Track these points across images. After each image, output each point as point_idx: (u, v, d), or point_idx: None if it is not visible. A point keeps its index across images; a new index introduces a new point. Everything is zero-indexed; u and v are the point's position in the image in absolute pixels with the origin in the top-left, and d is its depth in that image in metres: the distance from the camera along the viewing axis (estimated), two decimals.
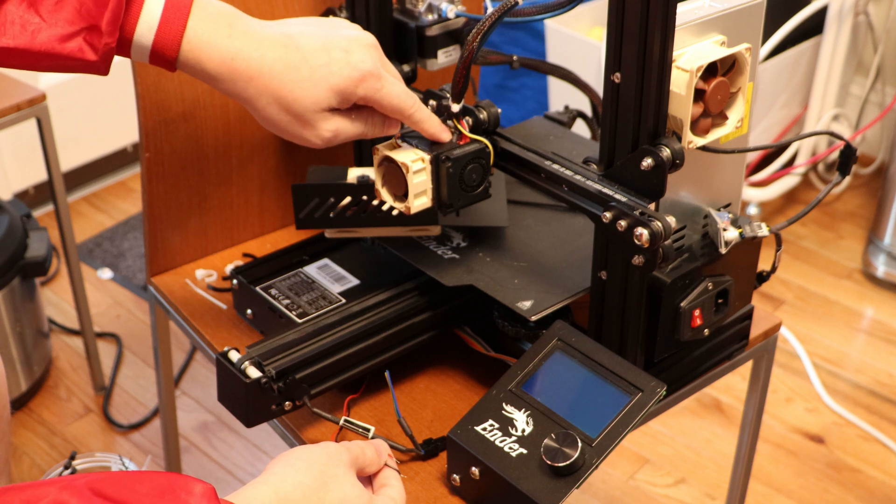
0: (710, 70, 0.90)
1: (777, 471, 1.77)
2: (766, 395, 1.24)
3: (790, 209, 2.44)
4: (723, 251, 0.97)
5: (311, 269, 1.16)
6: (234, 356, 0.96)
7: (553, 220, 1.15)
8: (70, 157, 2.46)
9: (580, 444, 0.87)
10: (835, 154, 2.44)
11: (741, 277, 1.02)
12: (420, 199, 0.97)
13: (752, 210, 2.38)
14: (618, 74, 0.89)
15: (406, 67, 1.17)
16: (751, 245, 1.01)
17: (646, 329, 0.97)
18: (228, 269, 1.24)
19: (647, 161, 0.89)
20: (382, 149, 0.98)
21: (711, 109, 0.90)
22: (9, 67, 0.86)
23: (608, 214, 0.91)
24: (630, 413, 0.90)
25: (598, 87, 1.12)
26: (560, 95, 2.29)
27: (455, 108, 0.98)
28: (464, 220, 1.13)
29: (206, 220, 1.28)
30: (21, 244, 1.78)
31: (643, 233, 0.87)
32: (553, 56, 2.25)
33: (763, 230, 0.98)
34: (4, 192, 2.37)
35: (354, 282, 1.14)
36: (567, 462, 0.86)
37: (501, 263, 1.08)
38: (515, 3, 0.89)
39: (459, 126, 0.98)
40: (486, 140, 0.99)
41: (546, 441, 0.88)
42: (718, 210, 0.99)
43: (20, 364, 1.86)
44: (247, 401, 0.95)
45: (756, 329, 1.13)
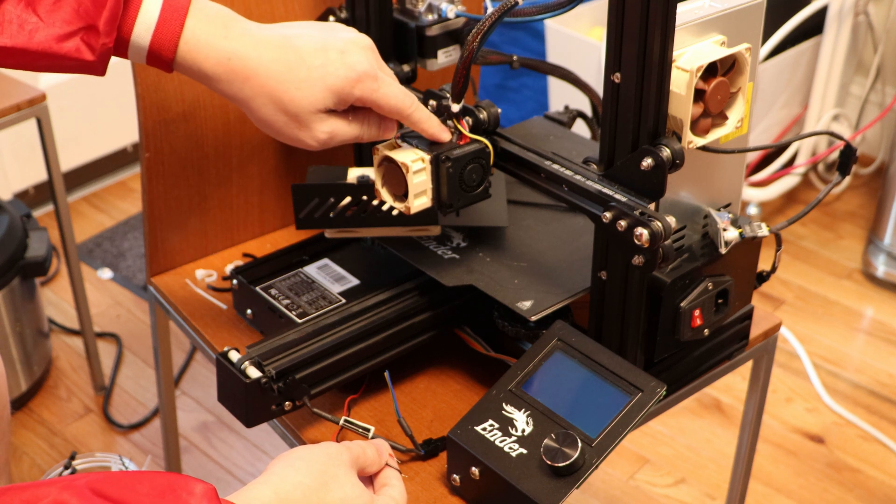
0: (710, 70, 0.90)
1: (777, 471, 1.77)
2: (766, 395, 1.24)
3: (790, 209, 2.44)
4: (723, 251, 0.97)
5: (311, 269, 1.16)
6: (234, 356, 0.96)
7: (553, 220, 1.15)
8: (70, 157, 2.46)
9: (580, 444, 0.87)
10: (835, 154, 2.44)
11: (741, 277, 1.02)
12: (420, 199, 0.97)
13: (752, 210, 2.38)
14: (618, 74, 0.89)
15: (406, 67, 1.17)
16: (751, 245, 1.01)
17: (646, 329, 0.97)
18: (228, 269, 1.24)
19: (647, 161, 0.89)
20: (382, 149, 0.98)
21: (711, 109, 0.90)
22: (6, 67, 0.86)
23: (608, 214, 0.90)
24: (630, 413, 0.90)
25: (598, 87, 1.12)
26: (560, 95, 2.29)
27: (455, 108, 0.98)
28: (464, 220, 1.13)
29: (206, 220, 1.28)
30: (21, 244, 1.78)
31: (643, 233, 0.87)
32: (553, 56, 2.24)
33: (763, 230, 0.98)
34: (4, 192, 2.37)
35: (354, 282, 1.14)
36: (567, 462, 0.86)
37: (501, 263, 1.08)
38: (515, 3, 0.89)
39: (459, 126, 0.98)
40: (486, 140, 0.99)
41: (546, 441, 0.88)
42: (718, 210, 0.99)
43: (20, 364, 1.86)
44: (247, 401, 0.95)
45: (756, 329, 1.13)
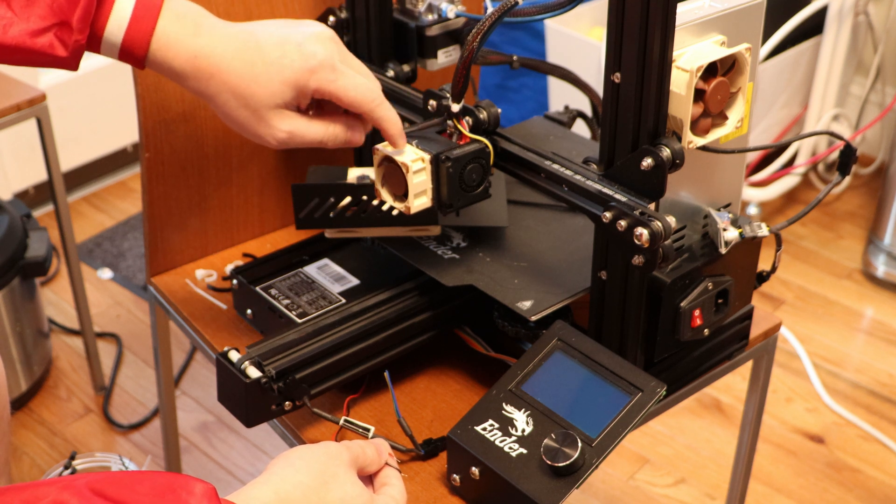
0: (710, 70, 0.90)
1: (777, 471, 1.77)
2: (766, 395, 1.24)
3: (790, 209, 2.44)
4: (723, 251, 0.97)
5: (311, 269, 1.16)
6: (234, 356, 0.96)
7: (553, 220, 1.15)
8: (70, 157, 2.46)
9: (580, 444, 0.87)
10: (835, 154, 2.44)
11: (741, 277, 1.02)
12: (420, 199, 0.97)
13: (752, 210, 2.38)
14: (618, 74, 0.89)
15: (406, 67, 1.17)
16: (751, 245, 1.01)
17: (646, 329, 0.97)
18: (228, 269, 1.24)
19: (647, 161, 0.89)
20: (382, 149, 0.97)
21: (711, 109, 0.90)
22: None
23: (608, 214, 0.90)
24: (630, 413, 0.90)
25: (598, 87, 1.12)
26: (560, 95, 2.29)
27: (455, 108, 0.98)
28: (464, 220, 1.13)
29: (206, 220, 1.28)
30: (21, 244, 1.78)
31: (643, 233, 0.87)
32: (553, 56, 2.24)
33: (763, 230, 0.98)
34: (4, 192, 2.37)
35: (354, 282, 1.14)
36: (567, 462, 0.86)
37: (501, 263, 1.08)
38: (515, 3, 0.89)
39: (459, 126, 0.98)
40: (486, 140, 0.99)
41: (546, 441, 0.88)
42: (718, 210, 0.99)
43: (20, 364, 1.86)
44: (247, 401, 0.95)
45: (756, 329, 1.13)
